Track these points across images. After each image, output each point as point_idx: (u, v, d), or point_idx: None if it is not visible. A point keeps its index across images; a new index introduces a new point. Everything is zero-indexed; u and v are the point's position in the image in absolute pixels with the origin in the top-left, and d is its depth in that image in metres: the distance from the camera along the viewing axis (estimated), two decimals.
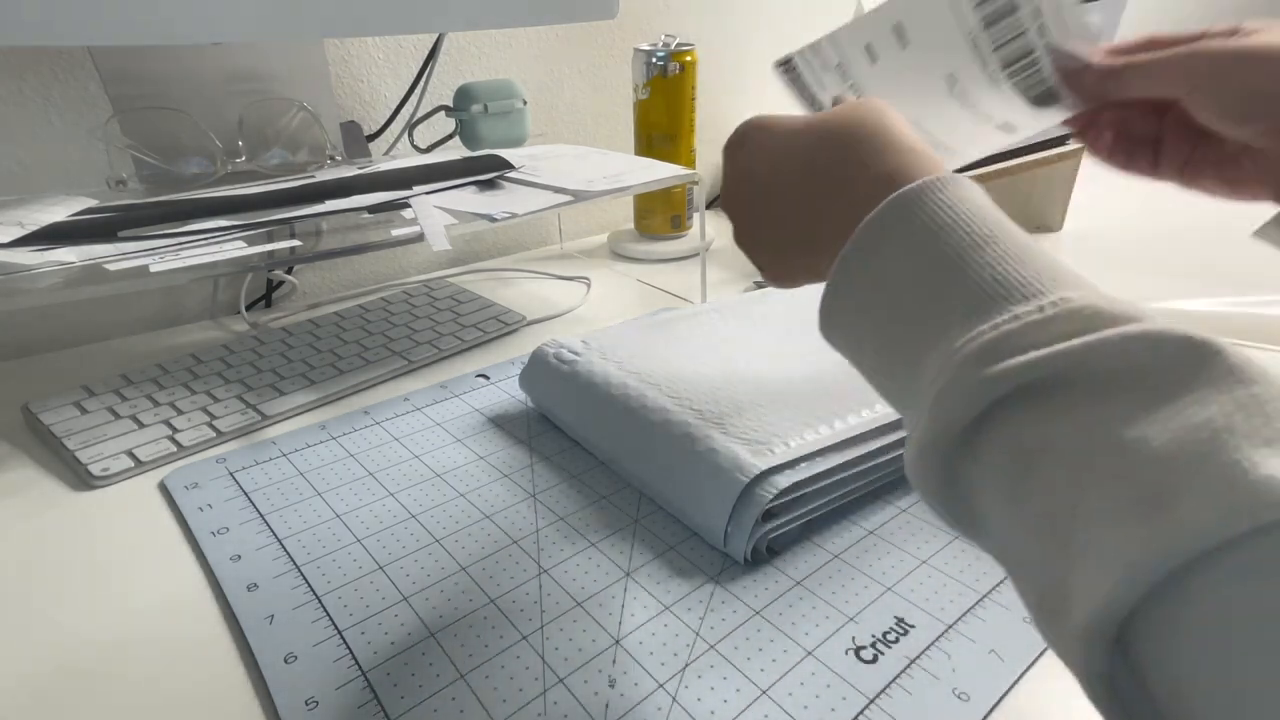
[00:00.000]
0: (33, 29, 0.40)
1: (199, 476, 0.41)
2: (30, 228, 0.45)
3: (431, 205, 0.49)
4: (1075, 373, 0.18)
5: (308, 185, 0.54)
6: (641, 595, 0.32)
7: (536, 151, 0.67)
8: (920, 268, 0.23)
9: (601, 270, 0.74)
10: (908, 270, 0.23)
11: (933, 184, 0.24)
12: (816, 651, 0.29)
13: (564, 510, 0.38)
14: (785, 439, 0.35)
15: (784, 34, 0.99)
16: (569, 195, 0.52)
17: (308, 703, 0.27)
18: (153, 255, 0.41)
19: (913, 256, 0.23)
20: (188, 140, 0.56)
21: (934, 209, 0.23)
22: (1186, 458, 0.16)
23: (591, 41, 0.82)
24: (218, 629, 0.31)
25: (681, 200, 0.78)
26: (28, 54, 0.54)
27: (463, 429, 0.45)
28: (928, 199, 0.23)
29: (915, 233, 0.23)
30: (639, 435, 0.38)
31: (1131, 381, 0.18)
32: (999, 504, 0.20)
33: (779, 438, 0.36)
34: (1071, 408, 0.18)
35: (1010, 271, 0.21)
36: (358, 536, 0.36)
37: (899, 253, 0.23)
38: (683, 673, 0.28)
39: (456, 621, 0.31)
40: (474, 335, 0.57)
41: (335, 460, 0.42)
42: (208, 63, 0.56)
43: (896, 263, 0.23)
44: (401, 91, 0.70)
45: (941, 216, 0.23)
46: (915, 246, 0.23)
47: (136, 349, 0.59)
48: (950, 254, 0.22)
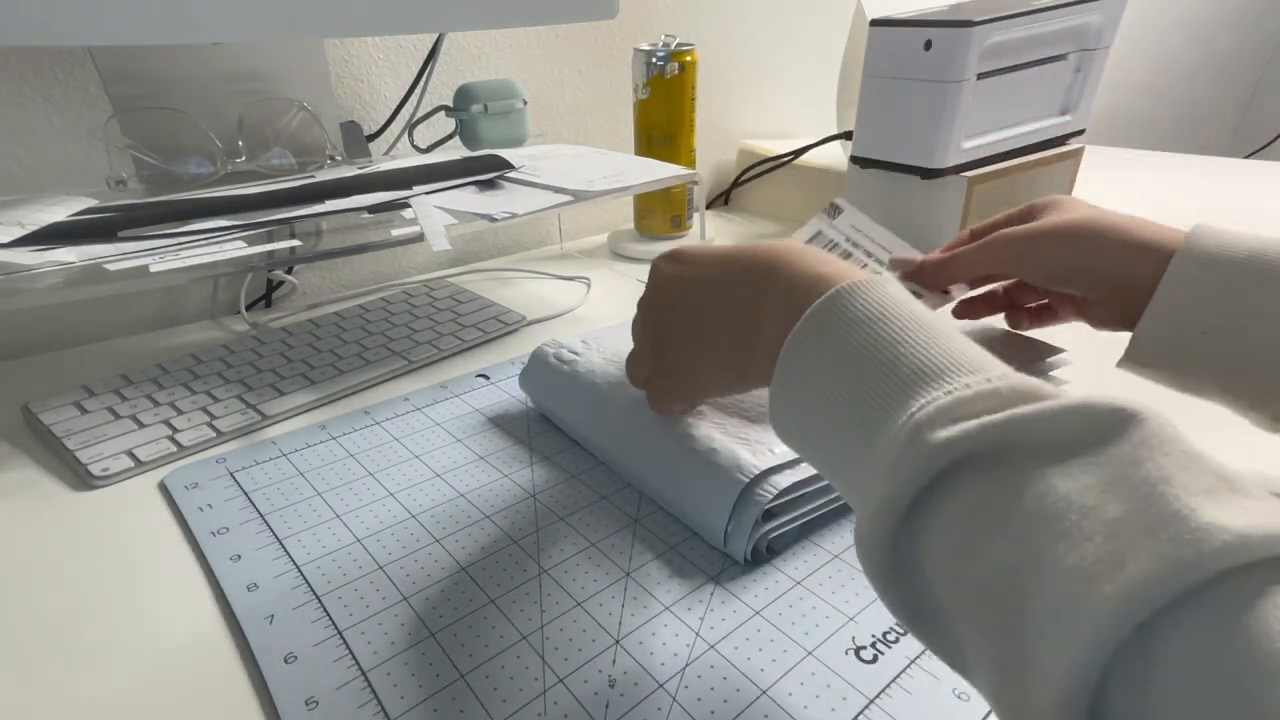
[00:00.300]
0: (33, 29, 0.40)
1: (199, 476, 0.41)
2: (30, 228, 0.45)
3: (431, 205, 0.49)
4: (1022, 437, 0.19)
5: (308, 185, 0.54)
6: (641, 595, 0.32)
7: (536, 151, 0.67)
8: (863, 354, 0.24)
9: (601, 270, 0.74)
10: (848, 359, 0.24)
11: (859, 283, 0.25)
12: (816, 651, 0.29)
13: (564, 510, 0.38)
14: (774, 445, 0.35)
15: (784, 34, 0.99)
16: (569, 195, 0.52)
17: (308, 703, 0.27)
18: (153, 255, 0.41)
19: (851, 346, 0.24)
20: (188, 140, 0.56)
21: (864, 304, 0.25)
22: (1132, 515, 0.16)
23: (591, 41, 0.82)
24: (218, 629, 0.31)
25: (681, 200, 0.78)
26: (28, 54, 0.54)
27: (463, 429, 0.45)
28: (857, 296, 0.25)
29: (852, 324, 0.24)
30: (639, 435, 0.38)
31: (1073, 446, 0.19)
32: (950, 566, 0.20)
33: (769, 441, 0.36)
34: (1019, 472, 0.19)
35: (955, 348, 0.23)
36: (358, 536, 0.36)
37: (836, 347, 0.24)
38: (683, 673, 0.28)
39: (456, 621, 0.31)
40: (474, 335, 0.57)
41: (335, 460, 0.42)
42: (208, 63, 0.56)
43: (834, 358, 0.24)
44: (401, 91, 0.70)
45: (873, 310, 0.24)
46: (853, 337, 0.24)
47: (136, 349, 0.59)
48: (891, 339, 0.23)
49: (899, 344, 0.23)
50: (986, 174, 0.69)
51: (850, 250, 0.55)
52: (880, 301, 0.25)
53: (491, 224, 0.48)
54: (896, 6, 0.70)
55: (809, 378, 0.25)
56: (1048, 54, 0.71)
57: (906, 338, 0.23)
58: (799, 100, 1.04)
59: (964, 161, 0.69)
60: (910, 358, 0.23)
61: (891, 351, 0.23)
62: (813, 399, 0.25)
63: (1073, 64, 0.74)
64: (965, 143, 0.68)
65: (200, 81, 0.56)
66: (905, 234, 0.75)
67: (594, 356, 0.44)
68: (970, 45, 0.62)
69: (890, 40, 0.67)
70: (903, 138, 0.69)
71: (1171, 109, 1.81)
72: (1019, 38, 0.66)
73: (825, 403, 0.24)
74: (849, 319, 0.24)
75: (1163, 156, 1.11)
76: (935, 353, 0.23)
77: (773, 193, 0.92)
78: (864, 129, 0.73)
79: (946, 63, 0.64)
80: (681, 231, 0.80)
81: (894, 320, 0.24)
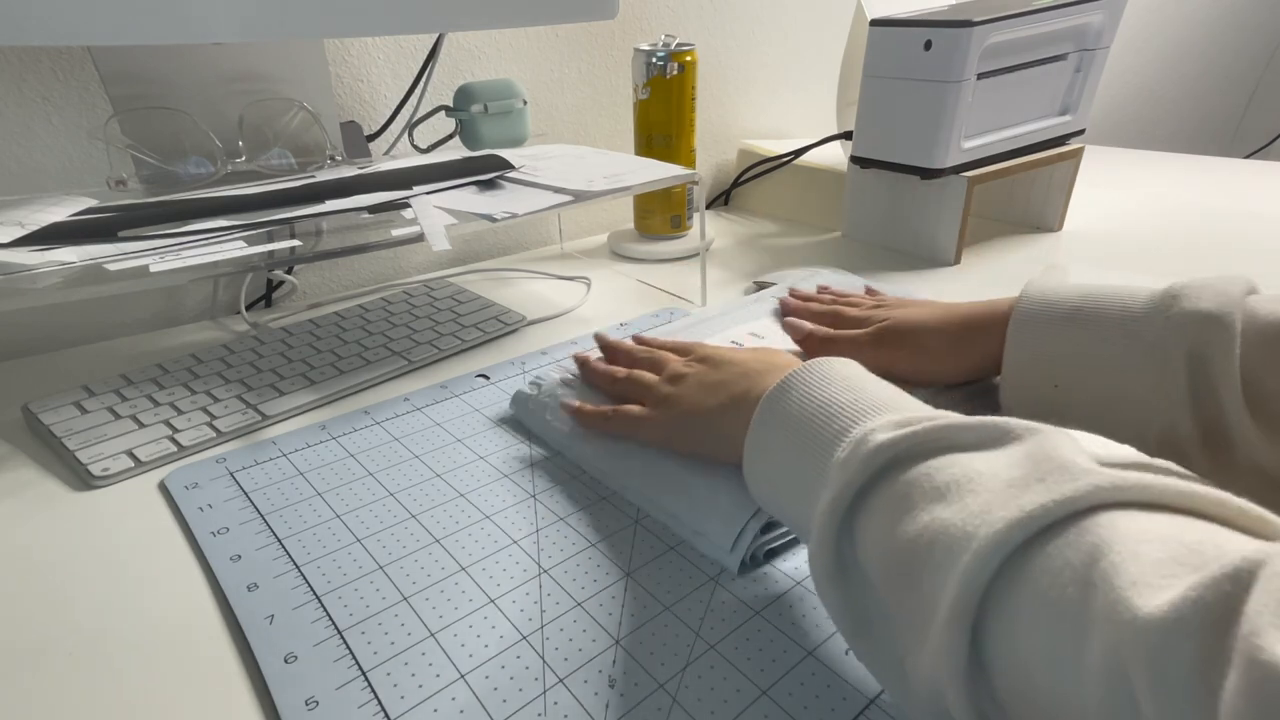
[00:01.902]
0: (33, 29, 0.40)
1: (199, 476, 0.41)
2: (30, 228, 0.45)
3: (431, 205, 0.49)
4: (945, 439, 0.24)
5: (308, 185, 0.54)
6: (641, 595, 0.32)
7: (536, 151, 0.67)
8: (807, 410, 0.29)
9: (601, 270, 0.74)
10: (796, 416, 0.29)
11: (813, 361, 0.31)
12: (816, 651, 0.29)
13: (564, 510, 0.38)
14: None
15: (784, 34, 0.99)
16: (569, 195, 0.52)
17: (308, 703, 0.27)
18: (153, 255, 0.41)
19: (799, 406, 0.29)
20: (188, 140, 0.56)
21: (810, 375, 0.30)
22: (1027, 475, 0.21)
23: (591, 41, 0.82)
24: (218, 629, 0.31)
25: (681, 200, 0.78)
26: (28, 54, 0.54)
27: (463, 429, 0.45)
28: (811, 370, 0.31)
29: (801, 389, 0.30)
30: (638, 464, 0.38)
31: (987, 443, 0.24)
32: (879, 546, 0.24)
33: None
34: (938, 458, 0.24)
35: (892, 393, 0.29)
36: (358, 536, 0.36)
37: (785, 411, 0.30)
38: (683, 673, 0.28)
39: (456, 621, 0.31)
40: (474, 335, 0.57)
41: (335, 460, 0.42)
42: (208, 63, 0.56)
43: (784, 420, 0.30)
44: (401, 91, 0.70)
45: (815, 377, 0.30)
46: (799, 400, 0.30)
47: (136, 349, 0.59)
48: (849, 390, 0.29)
49: (845, 392, 0.29)
50: (986, 174, 0.70)
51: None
52: (823, 371, 0.30)
53: (491, 224, 0.48)
54: (896, 6, 0.70)
55: (770, 439, 0.30)
56: (1048, 54, 0.71)
57: (849, 387, 0.29)
58: (799, 100, 1.04)
59: (964, 161, 0.69)
60: (856, 401, 0.28)
61: (840, 399, 0.28)
62: (775, 458, 0.30)
63: (1073, 64, 0.74)
64: (965, 143, 0.68)
65: (200, 81, 0.56)
66: (905, 234, 0.75)
67: (588, 392, 0.44)
68: (970, 45, 0.62)
69: (890, 40, 0.67)
70: (903, 138, 0.69)
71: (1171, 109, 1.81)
72: (1019, 38, 0.66)
73: (786, 456, 0.29)
74: (799, 386, 0.30)
75: (1163, 156, 1.11)
76: (875, 396, 0.28)
77: (773, 193, 0.92)
78: (864, 129, 0.73)
79: (946, 63, 0.64)
80: (681, 231, 0.80)
81: (835, 381, 0.30)
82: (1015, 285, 0.41)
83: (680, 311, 0.62)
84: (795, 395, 0.30)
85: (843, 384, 0.29)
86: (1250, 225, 0.77)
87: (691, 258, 0.77)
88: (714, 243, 0.81)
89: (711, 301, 0.64)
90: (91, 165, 0.56)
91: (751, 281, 0.68)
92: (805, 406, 0.29)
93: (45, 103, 0.55)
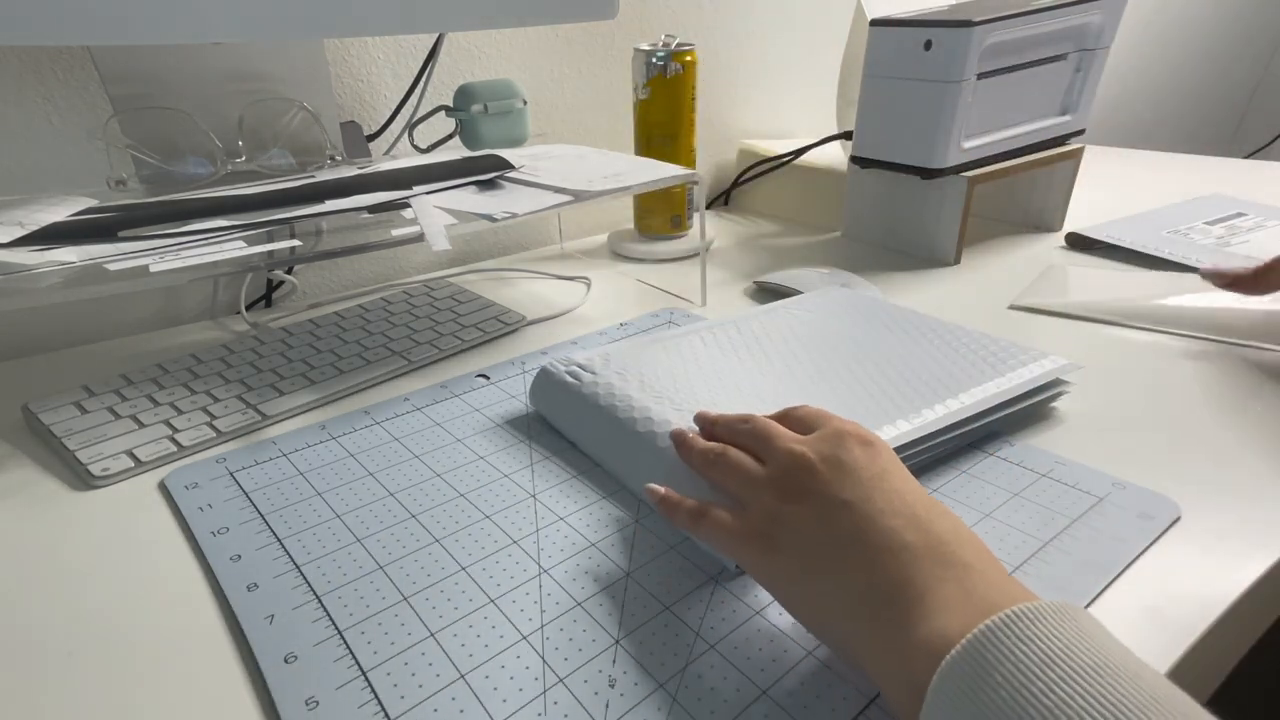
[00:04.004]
0: (33, 29, 0.40)
1: (199, 476, 0.41)
2: (30, 228, 0.45)
3: (431, 205, 0.49)
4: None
5: (308, 185, 0.54)
6: (641, 595, 0.32)
7: (536, 151, 0.67)
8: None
9: (601, 270, 0.74)
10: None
11: (1043, 609, 0.21)
12: (816, 651, 0.29)
13: (564, 510, 0.38)
14: None
15: (784, 34, 0.99)
16: (569, 195, 0.52)
17: (308, 703, 0.27)
18: (153, 255, 0.41)
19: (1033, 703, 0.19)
20: (188, 140, 0.56)
21: (1048, 632, 0.20)
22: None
23: (591, 41, 0.82)
24: (218, 629, 0.31)
25: (681, 200, 0.78)
26: (28, 54, 0.54)
27: (463, 429, 0.45)
28: (1041, 624, 0.20)
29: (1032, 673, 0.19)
30: (652, 457, 0.38)
31: None
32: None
33: None
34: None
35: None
36: (358, 536, 0.36)
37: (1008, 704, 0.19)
38: (683, 673, 0.28)
39: (456, 621, 0.31)
40: (474, 335, 0.57)
41: (335, 460, 0.42)
42: (208, 63, 0.56)
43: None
44: (401, 91, 0.70)
45: (1077, 652, 0.20)
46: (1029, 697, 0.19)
47: (136, 349, 0.59)
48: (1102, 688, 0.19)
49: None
50: (986, 174, 0.70)
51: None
52: (1065, 641, 0.20)
53: (491, 224, 0.48)
54: (896, 6, 0.70)
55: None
56: (1048, 54, 0.71)
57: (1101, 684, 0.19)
58: (799, 100, 1.04)
59: (964, 161, 0.69)
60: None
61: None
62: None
63: (1073, 64, 0.74)
64: (965, 143, 0.68)
65: (200, 81, 0.56)
66: (905, 234, 0.75)
67: (612, 375, 0.44)
68: (970, 45, 0.62)
69: (890, 40, 0.67)
70: (903, 138, 0.69)
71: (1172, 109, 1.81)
72: (1019, 38, 0.66)
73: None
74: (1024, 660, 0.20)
75: (1163, 156, 1.11)
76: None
77: (773, 193, 0.92)
78: (864, 129, 0.73)
79: (946, 63, 0.64)
80: (681, 231, 0.80)
81: (1082, 668, 0.19)
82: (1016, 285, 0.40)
83: (680, 312, 0.62)
84: (1016, 680, 0.19)
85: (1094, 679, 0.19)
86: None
87: (692, 258, 0.77)
88: (714, 243, 0.81)
89: (711, 301, 0.64)
90: (91, 165, 0.56)
91: (752, 281, 0.68)
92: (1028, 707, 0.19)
93: (45, 103, 0.55)
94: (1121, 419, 0.44)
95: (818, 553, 0.26)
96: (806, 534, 0.27)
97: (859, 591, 0.25)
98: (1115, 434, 0.43)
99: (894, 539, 0.25)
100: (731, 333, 0.50)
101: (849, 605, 0.25)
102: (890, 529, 0.25)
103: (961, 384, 0.42)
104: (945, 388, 0.42)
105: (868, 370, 0.45)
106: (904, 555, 0.24)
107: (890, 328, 0.50)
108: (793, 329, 0.51)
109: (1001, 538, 0.34)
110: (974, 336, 0.48)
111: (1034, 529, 0.35)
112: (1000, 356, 0.45)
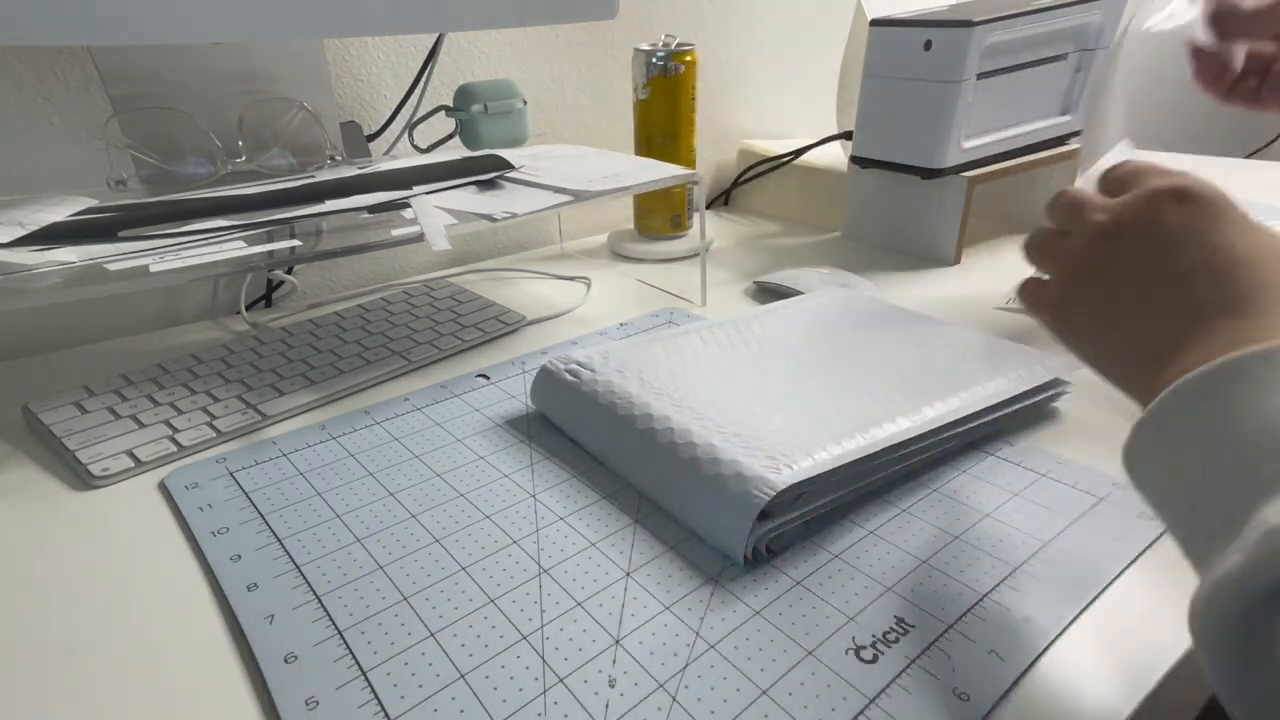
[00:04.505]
0: (33, 29, 0.40)
1: (199, 476, 0.41)
2: (30, 228, 0.45)
3: (431, 205, 0.49)
4: None
5: (308, 185, 0.54)
6: (641, 595, 0.32)
7: (536, 151, 0.67)
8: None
9: (601, 270, 0.74)
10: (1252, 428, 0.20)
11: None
12: (816, 651, 0.29)
13: (564, 510, 0.38)
14: (791, 461, 0.35)
15: (784, 34, 0.99)
16: (569, 195, 0.52)
17: (308, 703, 0.27)
18: (153, 255, 0.41)
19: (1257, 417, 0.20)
20: (188, 140, 0.56)
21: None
22: None
23: (591, 41, 0.82)
24: (218, 629, 0.31)
25: (681, 200, 0.78)
26: (28, 54, 0.54)
27: (463, 429, 0.45)
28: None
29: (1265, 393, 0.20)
30: (655, 453, 0.38)
31: None
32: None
33: (785, 457, 0.35)
34: None
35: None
36: (358, 536, 0.36)
37: (1243, 411, 0.21)
38: (683, 673, 0.28)
39: (456, 621, 0.31)
40: (474, 335, 0.57)
41: (335, 460, 0.42)
42: (208, 63, 0.56)
43: (1237, 420, 0.21)
44: (401, 91, 0.70)
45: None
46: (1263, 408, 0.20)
47: (136, 349, 0.59)
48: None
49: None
50: (986, 174, 0.70)
51: None
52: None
53: (491, 224, 0.48)
54: (896, 6, 0.70)
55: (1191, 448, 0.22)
56: (1048, 54, 0.71)
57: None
58: (799, 100, 1.04)
59: (964, 161, 0.69)
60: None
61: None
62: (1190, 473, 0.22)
63: (1073, 64, 0.74)
64: (965, 143, 0.68)
65: (200, 81, 0.56)
66: (905, 234, 0.75)
67: (611, 373, 0.44)
68: (970, 45, 0.62)
69: (890, 40, 0.67)
70: (903, 138, 0.69)
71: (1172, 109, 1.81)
72: (1019, 38, 0.66)
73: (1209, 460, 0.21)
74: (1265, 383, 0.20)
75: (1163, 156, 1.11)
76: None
77: (773, 193, 0.92)
78: (864, 129, 0.73)
79: (946, 63, 0.64)
80: (681, 231, 0.80)
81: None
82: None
83: (680, 312, 0.62)
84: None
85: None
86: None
87: (692, 258, 0.77)
88: (714, 243, 0.81)
89: (711, 301, 0.64)
90: (91, 165, 0.56)
91: (752, 281, 0.68)
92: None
93: (45, 103, 0.56)
94: (1122, 419, 0.44)
95: (1128, 284, 0.28)
96: (1115, 270, 0.28)
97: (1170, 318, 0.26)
98: (1116, 434, 0.42)
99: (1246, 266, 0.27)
100: (731, 332, 0.50)
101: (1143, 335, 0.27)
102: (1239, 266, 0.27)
103: (962, 383, 0.42)
104: (946, 387, 0.42)
105: (868, 370, 0.45)
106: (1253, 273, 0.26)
107: (890, 328, 0.50)
108: (792, 329, 0.51)
109: (1001, 538, 0.34)
110: (974, 336, 0.48)
111: (1034, 529, 0.35)
112: (1001, 356, 0.45)
